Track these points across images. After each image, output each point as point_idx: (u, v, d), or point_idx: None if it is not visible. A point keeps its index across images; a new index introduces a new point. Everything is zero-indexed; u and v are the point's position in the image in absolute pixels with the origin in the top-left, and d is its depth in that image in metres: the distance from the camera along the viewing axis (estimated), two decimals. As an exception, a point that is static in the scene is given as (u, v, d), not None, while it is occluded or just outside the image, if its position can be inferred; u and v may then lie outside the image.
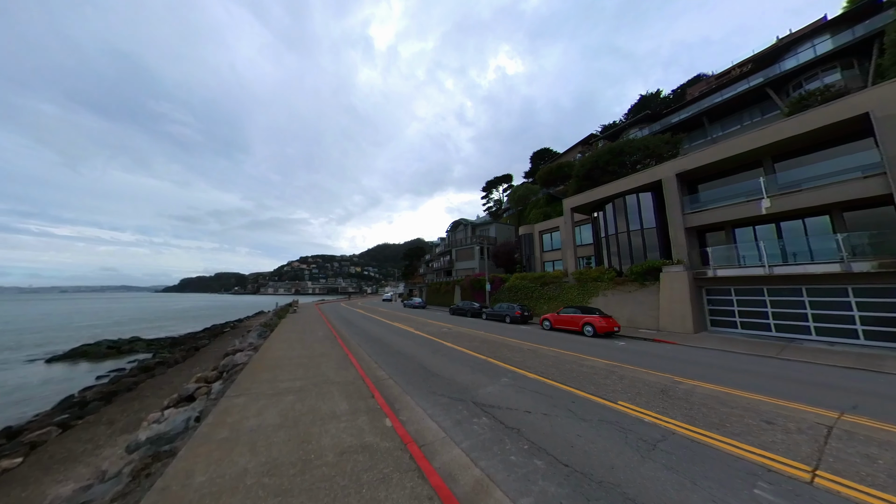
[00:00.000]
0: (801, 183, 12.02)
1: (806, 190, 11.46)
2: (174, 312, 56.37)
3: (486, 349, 10.02)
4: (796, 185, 12.12)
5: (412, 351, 9.85)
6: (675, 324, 13.75)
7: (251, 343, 11.55)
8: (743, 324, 12.86)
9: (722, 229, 14.63)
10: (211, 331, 25.71)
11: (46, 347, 22.14)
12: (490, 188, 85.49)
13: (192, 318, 43.87)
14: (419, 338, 12.43)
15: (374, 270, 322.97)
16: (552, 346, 10.75)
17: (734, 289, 13.18)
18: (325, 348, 10.07)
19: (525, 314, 18.06)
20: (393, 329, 15.31)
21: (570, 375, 6.96)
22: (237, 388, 6.02)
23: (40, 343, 24.26)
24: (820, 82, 22.61)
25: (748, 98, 26.88)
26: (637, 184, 17.34)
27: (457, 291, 33.35)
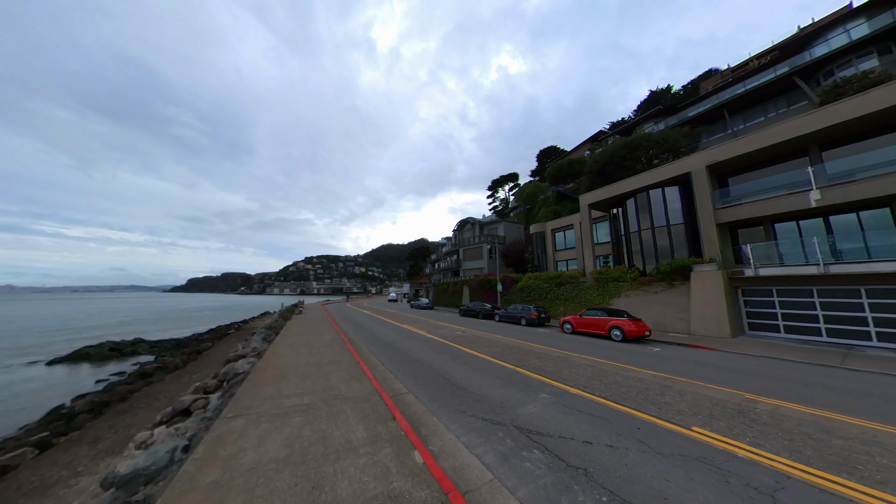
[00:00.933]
0: (855, 173, 10.90)
1: (862, 180, 10.32)
2: (180, 313, 56.33)
3: (510, 356, 9.09)
4: (849, 175, 10.99)
5: (429, 358, 8.96)
6: (709, 327, 12.67)
7: (255, 348, 10.76)
8: (787, 328, 11.74)
9: (759, 225, 13.50)
10: (215, 332, 25.15)
11: (50, 349, 21.73)
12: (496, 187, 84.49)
13: (198, 319, 43.60)
14: (433, 342, 11.55)
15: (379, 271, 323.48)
16: (582, 352, 9.78)
17: (776, 289, 12.06)
18: (334, 354, 9.23)
19: (542, 316, 17.08)
20: (403, 332, 14.46)
21: (620, 391, 6.01)
22: (236, 405, 5.19)
23: (45, 344, 23.93)
24: (855, 69, 21.22)
25: (773, 88, 25.50)
26: (662, 177, 16.24)
27: (465, 292, 32.43)
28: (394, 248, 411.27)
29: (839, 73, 22.01)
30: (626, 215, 18.79)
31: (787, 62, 26.17)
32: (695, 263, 13.77)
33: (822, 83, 23.29)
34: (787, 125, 12.16)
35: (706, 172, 14.22)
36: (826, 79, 22.95)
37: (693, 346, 11.07)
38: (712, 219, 13.82)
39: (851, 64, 21.53)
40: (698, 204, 14.39)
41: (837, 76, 21.96)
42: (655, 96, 56.02)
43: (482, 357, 8.99)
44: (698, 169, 14.49)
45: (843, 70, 21.90)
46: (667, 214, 16.27)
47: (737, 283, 13.04)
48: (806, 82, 23.67)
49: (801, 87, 23.65)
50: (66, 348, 20.77)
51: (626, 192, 18.24)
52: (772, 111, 26.45)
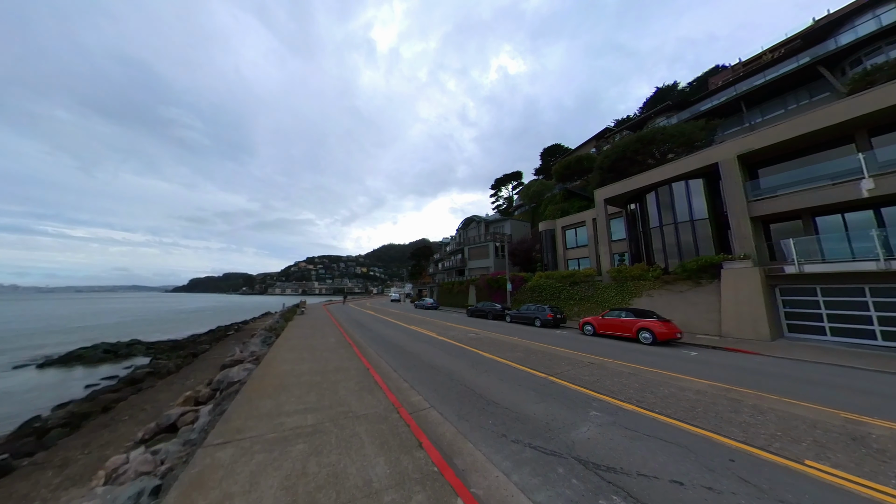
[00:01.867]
0: (910, 160, 9.91)
1: None
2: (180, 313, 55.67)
3: (536, 362, 8.15)
4: None
5: (446, 364, 8.03)
6: (744, 329, 11.68)
7: (253, 352, 9.86)
8: (835, 329, 10.73)
9: (797, 218, 12.50)
10: (214, 333, 24.31)
11: (44, 350, 20.93)
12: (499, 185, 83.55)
13: (198, 320, 42.85)
14: (447, 345, 10.61)
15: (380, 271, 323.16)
16: (613, 356, 8.82)
17: (821, 287, 11.06)
18: (341, 360, 8.31)
19: (558, 317, 16.12)
20: (412, 334, 13.53)
21: (682, 406, 5.06)
22: (226, 425, 4.27)
23: (38, 346, 23.14)
24: (885, 56, 20.17)
25: (795, 79, 24.41)
26: (686, 169, 15.24)
27: (471, 291, 31.48)
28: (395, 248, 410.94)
29: (868, 61, 20.96)
30: (644, 210, 17.80)
31: (808, 52, 25.11)
32: (725, 260, 12.78)
33: (847, 73, 22.23)
34: (833, 108, 11.17)
35: (737, 162, 13.23)
36: (853, 68, 21.88)
37: (731, 349, 10.10)
38: (746, 212, 12.82)
39: (881, 51, 20.44)
40: (728, 197, 13.39)
41: (866, 64, 20.92)
42: (662, 93, 54.95)
43: (506, 363, 8.05)
44: (728, 159, 13.49)
45: (871, 58, 20.82)
46: (691, 209, 15.28)
47: (773, 281, 12.04)
48: (830, 72, 22.58)
49: (826, 77, 22.57)
50: (60, 350, 19.97)
51: (646, 186, 17.24)
52: (792, 103, 25.37)
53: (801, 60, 24.16)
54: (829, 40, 23.23)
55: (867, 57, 21.09)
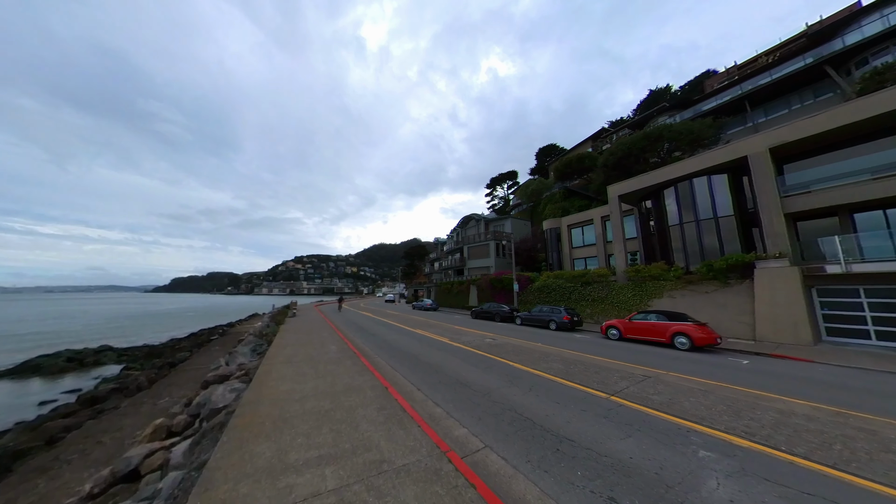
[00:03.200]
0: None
1: None
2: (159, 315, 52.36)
3: (582, 375, 6.98)
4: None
5: (477, 379, 6.77)
6: (783, 333, 10.89)
7: (241, 365, 8.34)
8: (881, 333, 10.02)
9: (832, 215, 11.85)
10: (196, 338, 22.25)
11: None
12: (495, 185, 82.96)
13: (178, 322, 40.14)
14: (468, 354, 9.35)
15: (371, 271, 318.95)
16: (662, 367, 7.76)
17: (864, 288, 10.37)
18: (349, 375, 6.94)
19: (574, 319, 15.09)
20: (421, 339, 12.21)
21: (811, 441, 3.95)
22: (206, 495, 2.89)
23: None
24: (892, 56, 20.13)
25: (800, 79, 24.32)
26: (712, 163, 14.48)
27: (472, 292, 30.31)
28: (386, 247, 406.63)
29: (875, 61, 20.90)
30: (660, 207, 17.02)
31: (812, 52, 25.04)
32: (758, 259, 12.01)
33: (853, 73, 22.20)
34: (880, 96, 10.48)
35: (769, 156, 12.49)
36: (858, 68, 21.85)
37: (778, 356, 9.23)
38: (779, 208, 12.08)
39: (889, 51, 20.40)
40: (759, 192, 12.64)
41: (873, 63, 20.85)
42: (655, 95, 55.56)
43: (548, 378, 6.85)
44: (758, 153, 12.75)
45: (878, 58, 20.76)
46: (714, 205, 14.53)
47: (810, 282, 11.31)
48: (836, 72, 22.49)
49: (832, 77, 22.48)
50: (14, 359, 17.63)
51: (664, 182, 16.46)
52: (796, 103, 25.33)
53: (805, 60, 24.06)
54: (835, 40, 23.16)
55: (874, 57, 21.03)
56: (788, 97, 25.73)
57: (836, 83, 22.87)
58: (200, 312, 57.55)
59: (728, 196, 14.20)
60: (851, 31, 22.59)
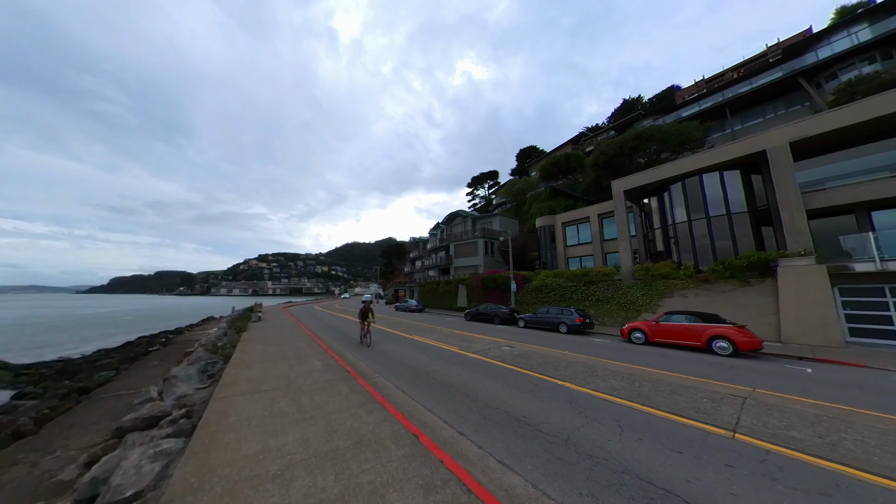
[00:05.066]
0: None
1: None
2: (90, 320, 44.45)
3: (661, 398, 5.40)
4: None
5: (535, 411, 4.92)
6: (811, 334, 10.34)
7: (181, 397, 5.71)
8: (907, 334, 9.76)
9: (849, 212, 11.65)
10: (130, 349, 18.06)
11: None
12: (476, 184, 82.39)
13: (113, 328, 33.92)
14: (494, 369, 7.48)
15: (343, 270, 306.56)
16: (735, 380, 6.46)
17: (890, 287, 10.07)
18: (353, 414, 4.75)
19: (587, 321, 13.86)
20: (425, 349, 10.13)
21: None
22: None
23: None
24: (858, 72, 21.59)
25: (774, 89, 25.64)
26: (726, 157, 13.97)
27: (461, 292, 28.56)
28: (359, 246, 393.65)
29: (842, 76, 22.34)
30: (665, 204, 16.45)
31: (781, 67, 26.63)
32: (782, 257, 11.49)
33: (822, 86, 23.69)
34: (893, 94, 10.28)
35: (789, 150, 12.09)
36: (828, 81, 23.32)
37: (825, 360, 8.47)
38: (801, 204, 11.66)
39: (855, 66, 21.85)
40: (779, 187, 12.19)
41: (842, 77, 22.28)
42: (628, 104, 58.26)
43: (626, 405, 5.17)
44: (777, 147, 12.32)
45: (846, 72, 22.19)
46: (727, 201, 14.06)
47: (834, 281, 10.94)
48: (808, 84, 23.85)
49: (805, 88, 23.80)
50: None
51: (671, 178, 15.86)
52: (770, 112, 26.71)
53: (777, 74, 25.47)
54: (808, 54, 24.61)
55: (842, 72, 22.49)
56: (763, 107, 27.12)
57: (806, 95, 24.33)
58: (143, 316, 49.96)
59: (741, 192, 13.78)
60: (823, 47, 24.11)
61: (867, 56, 21.51)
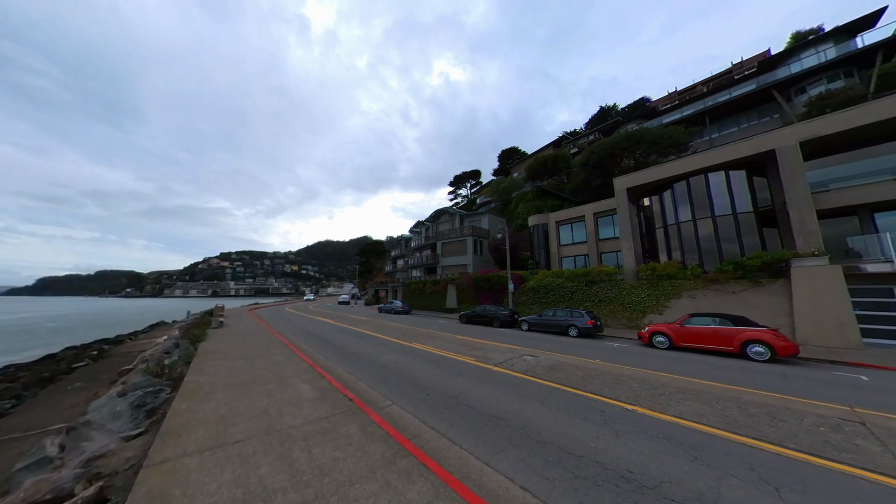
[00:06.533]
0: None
1: None
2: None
3: (758, 424, 4.30)
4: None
5: (624, 456, 3.56)
6: (828, 336, 10.14)
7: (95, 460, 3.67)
8: (916, 334, 9.82)
9: (852, 214, 11.77)
10: (48, 365, 14.40)
11: None
12: (458, 183, 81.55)
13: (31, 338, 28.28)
14: (531, 386, 6.08)
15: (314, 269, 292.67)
16: (808, 395, 5.61)
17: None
18: (382, 484, 3.08)
19: (598, 324, 13.00)
20: (434, 360, 8.52)
21: None
22: None
23: None
24: (824, 87, 23.22)
25: (749, 100, 27.04)
26: (732, 157, 13.80)
27: (450, 292, 27.09)
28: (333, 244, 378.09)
29: (811, 90, 23.92)
30: (667, 203, 16.19)
31: (754, 80, 28.29)
32: (796, 257, 11.31)
33: (793, 99, 25.30)
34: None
35: (798, 150, 12.03)
36: (797, 95, 24.92)
37: (856, 363, 8.10)
38: (811, 205, 11.57)
39: (821, 83, 23.46)
40: (788, 187, 12.08)
41: (810, 92, 23.84)
42: (604, 111, 60.67)
43: (745, 444, 3.98)
44: (787, 146, 12.23)
45: (814, 87, 23.77)
46: (733, 201, 13.92)
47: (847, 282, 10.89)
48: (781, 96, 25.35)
49: (777, 100, 25.26)
50: None
51: (675, 176, 15.59)
52: (744, 123, 28.13)
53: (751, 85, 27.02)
54: (780, 69, 26.21)
55: (811, 87, 24.08)
56: (738, 117, 28.56)
57: (778, 108, 25.90)
58: (75, 323, 42.79)
59: (747, 192, 13.69)
60: (791, 63, 25.78)
61: (833, 73, 23.19)
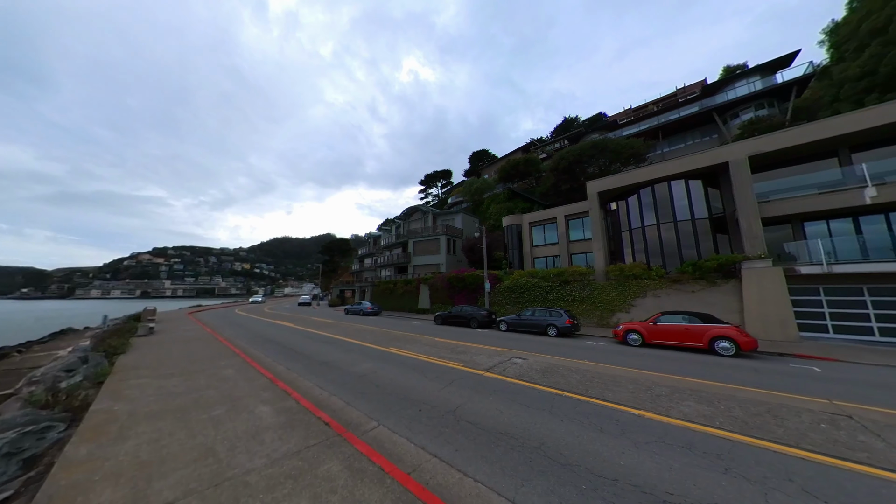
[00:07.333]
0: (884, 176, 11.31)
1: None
2: None
3: (767, 424, 4.24)
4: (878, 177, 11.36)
5: (656, 473, 3.16)
6: (772, 330, 11.31)
7: None
8: (836, 328, 11.32)
9: (788, 222, 13.35)
10: None
11: None
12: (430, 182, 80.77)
13: None
14: (531, 394, 5.59)
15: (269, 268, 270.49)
16: (787, 389, 5.90)
17: (823, 288, 11.63)
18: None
19: (576, 322, 13.17)
20: (416, 367, 7.69)
21: None
22: None
23: None
24: (753, 114, 26.75)
25: (696, 120, 30.24)
26: (691, 167, 14.98)
27: (423, 292, 26.20)
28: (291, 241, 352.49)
29: (743, 116, 27.42)
30: (633, 208, 17.17)
31: (697, 103, 31.82)
32: (745, 260, 12.49)
33: (728, 122, 28.83)
34: (831, 121, 12.05)
35: (747, 163, 13.35)
36: (731, 119, 28.42)
37: (804, 356, 9.01)
38: (757, 212, 12.89)
39: (751, 109, 27.01)
40: (738, 196, 13.36)
41: (742, 118, 27.30)
42: (567, 122, 64.64)
43: (766, 448, 3.82)
44: (738, 160, 13.53)
45: (745, 113, 27.27)
46: (692, 208, 15.10)
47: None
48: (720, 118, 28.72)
49: (717, 122, 28.59)
50: None
51: (642, 182, 16.57)
52: (689, 140, 31.35)
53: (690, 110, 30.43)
54: (720, 94, 29.70)
55: (743, 112, 27.59)
56: (685, 135, 31.85)
57: (717, 128, 29.36)
58: (-60, 330, 33.54)
59: (703, 200, 14.94)
60: (728, 90, 29.38)
61: (759, 102, 26.83)
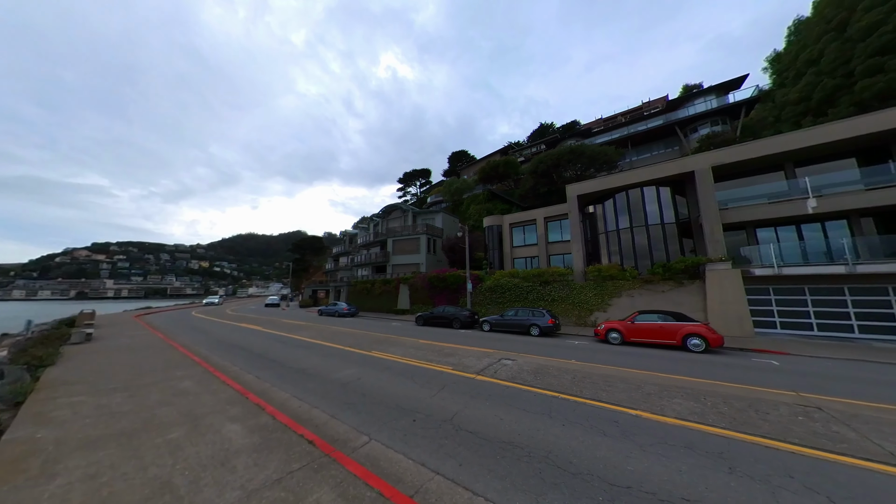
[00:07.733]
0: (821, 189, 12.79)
1: (852, 193, 11.93)
2: None
3: (756, 420, 4.42)
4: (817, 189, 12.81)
5: (676, 480, 3.11)
6: (731, 326, 12.28)
7: None
8: (783, 324, 12.57)
9: (741, 229, 14.62)
10: None
11: None
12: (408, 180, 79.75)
13: None
14: (528, 398, 5.44)
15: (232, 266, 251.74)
16: (761, 383, 6.31)
17: (773, 288, 12.86)
18: None
19: (557, 322, 13.43)
20: (404, 371, 7.27)
21: None
22: None
23: None
24: (709, 129, 29.33)
25: (660, 132, 32.52)
26: (662, 174, 15.95)
27: (402, 292, 25.56)
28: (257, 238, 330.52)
29: (701, 130, 29.94)
30: (609, 211, 17.98)
31: (662, 116, 34.29)
32: (709, 262, 13.47)
33: (688, 135, 31.36)
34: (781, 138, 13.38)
35: (710, 172, 14.44)
36: (691, 133, 30.93)
37: (762, 350, 9.83)
38: (719, 218, 13.98)
39: (708, 125, 29.57)
40: (702, 203, 14.42)
41: (700, 132, 29.81)
42: (543, 128, 67.06)
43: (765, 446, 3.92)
44: (703, 169, 14.60)
45: (703, 128, 29.80)
46: (662, 213, 16.07)
47: (740, 282, 13.39)
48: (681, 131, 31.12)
49: (678, 134, 30.99)
50: None
51: (619, 187, 17.38)
52: (655, 151, 33.66)
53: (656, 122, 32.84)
54: (681, 109, 32.21)
55: (701, 127, 30.13)
56: (651, 145, 34.18)
57: (678, 141, 31.86)
58: None
59: (671, 206, 15.95)
60: (688, 107, 31.97)
61: (714, 119, 29.46)
